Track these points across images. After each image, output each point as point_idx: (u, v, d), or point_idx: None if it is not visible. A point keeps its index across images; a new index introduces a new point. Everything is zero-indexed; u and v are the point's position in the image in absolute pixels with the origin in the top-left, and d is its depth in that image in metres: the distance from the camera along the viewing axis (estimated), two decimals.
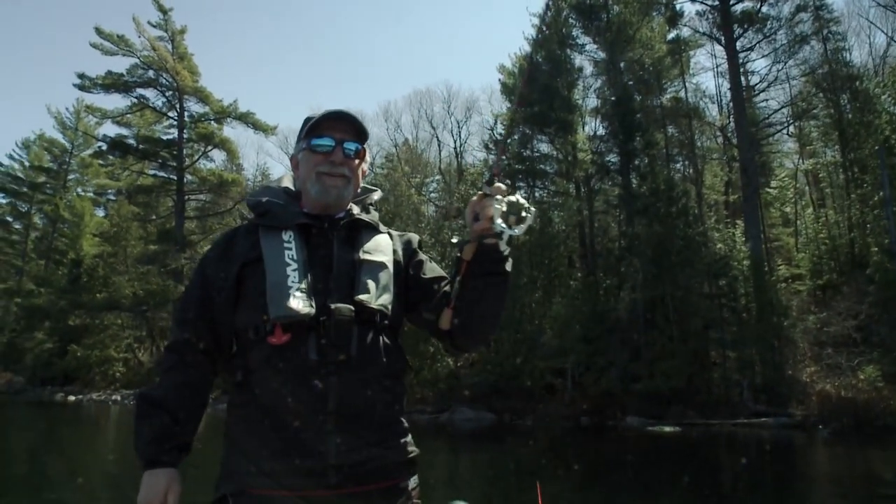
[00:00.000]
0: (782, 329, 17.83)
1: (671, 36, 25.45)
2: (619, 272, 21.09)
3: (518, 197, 1.37)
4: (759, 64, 29.46)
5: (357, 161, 1.57)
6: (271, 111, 78.97)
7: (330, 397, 1.36)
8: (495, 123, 27.74)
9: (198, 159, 33.60)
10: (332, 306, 1.40)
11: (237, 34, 72.36)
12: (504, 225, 1.35)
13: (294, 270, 1.42)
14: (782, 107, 26.27)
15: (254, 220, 1.55)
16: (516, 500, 7.44)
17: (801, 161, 29.16)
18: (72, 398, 26.54)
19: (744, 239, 19.95)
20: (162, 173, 33.92)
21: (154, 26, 31.59)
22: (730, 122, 24.95)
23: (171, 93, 32.59)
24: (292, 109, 64.38)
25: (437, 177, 35.42)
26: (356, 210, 1.60)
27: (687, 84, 26.43)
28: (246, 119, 32.98)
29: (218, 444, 1.48)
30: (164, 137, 33.40)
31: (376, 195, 1.70)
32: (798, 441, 14.30)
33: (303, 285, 1.41)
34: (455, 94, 63.51)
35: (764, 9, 23.64)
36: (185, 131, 32.88)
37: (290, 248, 1.46)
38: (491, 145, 26.92)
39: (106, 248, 33.04)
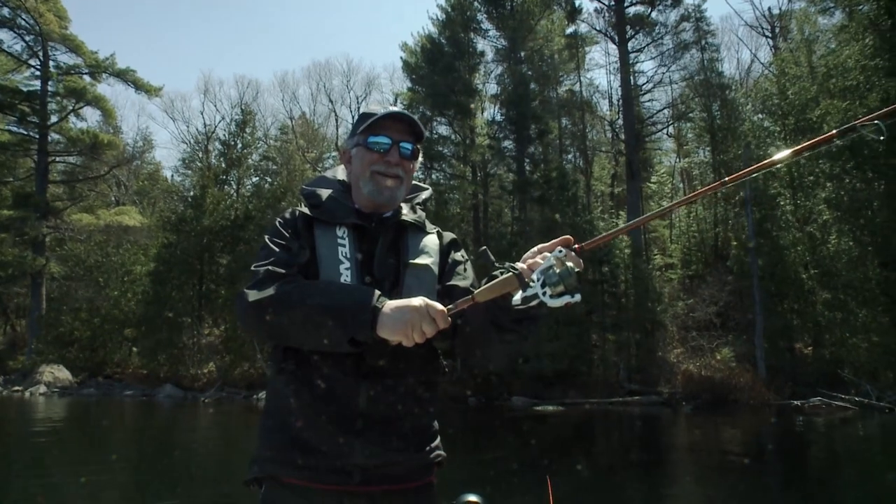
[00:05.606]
0: (656, 314, 19.34)
1: (570, 31, 26.47)
2: (510, 256, 21.75)
3: (575, 269, 1.22)
4: (646, 65, 31.53)
5: (412, 162, 1.57)
6: (157, 72, 72.69)
7: (361, 401, 1.38)
8: (395, 102, 27.38)
9: (65, 116, 30.20)
10: None
11: None
12: (539, 283, 1.20)
13: (347, 269, 1.43)
14: (664, 108, 28.35)
15: (305, 212, 1.53)
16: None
17: (678, 160, 31.61)
18: None
19: None
20: (21, 129, 30.11)
21: None
22: (618, 118, 26.43)
23: (31, 37, 28.95)
24: (181, 72, 59.92)
25: (335, 153, 34.55)
26: (405, 209, 1.60)
27: (582, 78, 27.67)
28: (125, 76, 30.09)
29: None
30: (25, 89, 29.60)
31: (425, 194, 1.70)
32: (665, 416, 15.66)
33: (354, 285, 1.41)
34: (356, 68, 62.11)
35: (654, 14, 25.37)
36: (49, 83, 29.38)
37: (344, 246, 1.47)
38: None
39: None
